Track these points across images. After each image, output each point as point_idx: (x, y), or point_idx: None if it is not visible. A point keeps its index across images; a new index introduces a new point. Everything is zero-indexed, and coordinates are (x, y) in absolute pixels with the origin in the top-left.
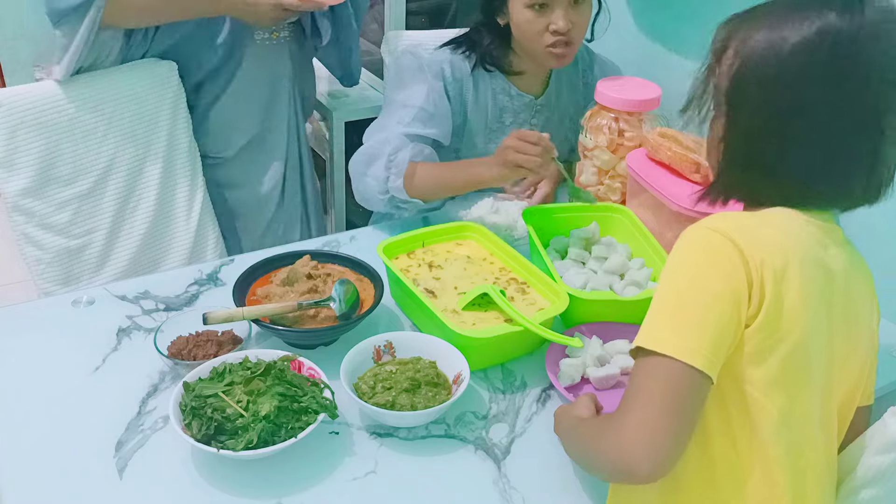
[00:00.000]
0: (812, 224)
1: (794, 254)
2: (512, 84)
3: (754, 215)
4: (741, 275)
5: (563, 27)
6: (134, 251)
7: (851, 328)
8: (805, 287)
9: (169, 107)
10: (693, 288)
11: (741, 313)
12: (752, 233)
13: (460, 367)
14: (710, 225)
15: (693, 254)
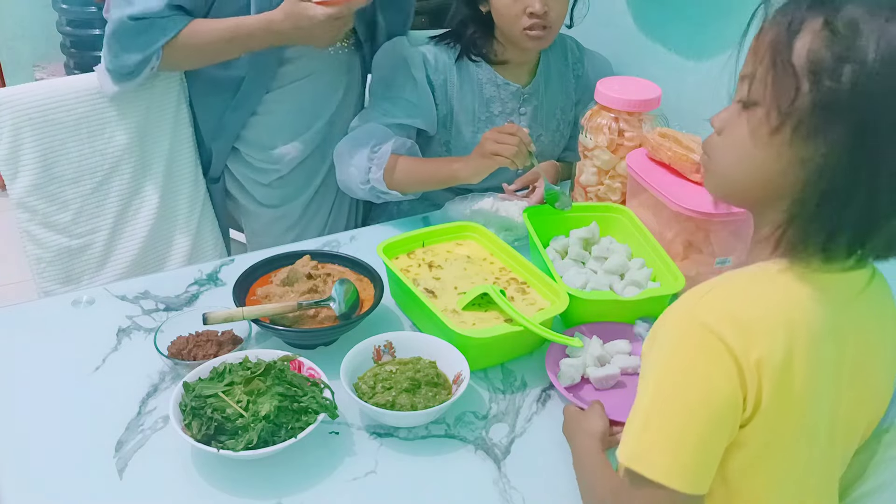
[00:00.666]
0: (834, 280)
1: (799, 335)
2: (498, 73)
3: (756, 286)
4: (735, 382)
5: (539, 9)
6: (135, 251)
7: (864, 381)
8: (811, 370)
9: (173, 108)
10: (683, 398)
11: (736, 421)
12: (749, 322)
13: (460, 367)
14: (702, 318)
15: (682, 355)
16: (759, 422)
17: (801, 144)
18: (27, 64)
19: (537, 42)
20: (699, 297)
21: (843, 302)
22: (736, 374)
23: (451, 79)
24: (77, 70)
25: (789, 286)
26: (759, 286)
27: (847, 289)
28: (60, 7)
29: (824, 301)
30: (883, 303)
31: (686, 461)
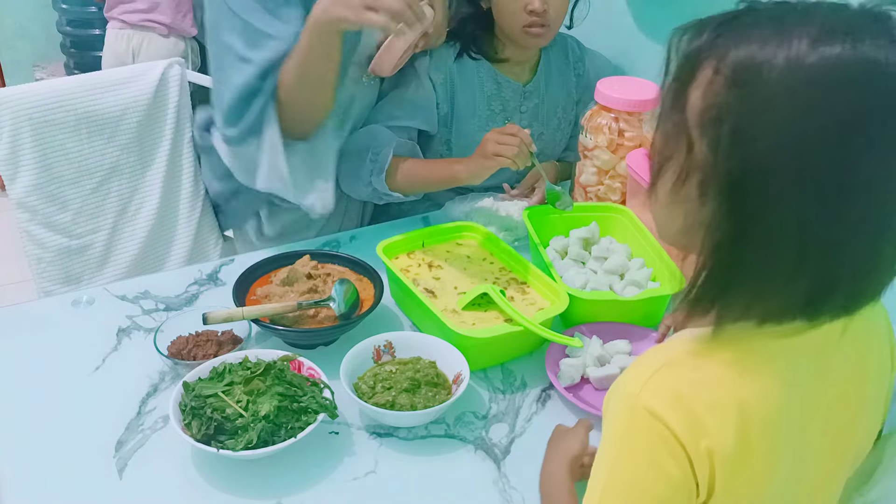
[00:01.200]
0: (791, 343)
1: (753, 418)
2: (498, 71)
3: (702, 365)
4: (686, 468)
5: (538, 7)
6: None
7: (843, 429)
8: (770, 450)
9: (173, 109)
10: (635, 485)
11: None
12: (698, 410)
13: (460, 367)
14: (648, 404)
15: (631, 442)
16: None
17: (697, 201)
18: (27, 64)
19: (536, 40)
20: (646, 379)
21: (808, 362)
22: (686, 461)
23: (451, 77)
24: (77, 70)
25: (739, 361)
26: (705, 366)
27: (811, 348)
28: (60, 7)
29: (781, 370)
30: (865, 345)
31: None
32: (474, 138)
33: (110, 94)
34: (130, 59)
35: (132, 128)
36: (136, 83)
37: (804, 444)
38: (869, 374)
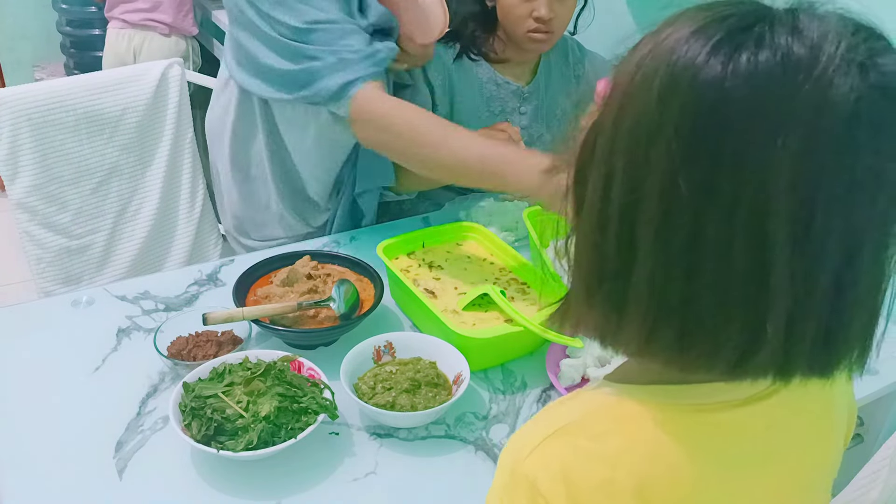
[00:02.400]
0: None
1: (661, 496)
2: (498, 73)
3: (604, 434)
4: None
5: (545, 15)
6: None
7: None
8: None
9: (173, 109)
10: None
11: None
12: (587, 486)
13: (460, 368)
14: (533, 475)
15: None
16: None
17: None
18: (27, 64)
19: (539, 45)
20: (536, 444)
21: (740, 443)
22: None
23: (450, 78)
24: (77, 70)
25: (649, 434)
26: (607, 435)
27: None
28: (60, 7)
29: (701, 448)
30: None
31: None
32: None
33: (110, 95)
34: (131, 58)
35: (132, 128)
36: (136, 83)
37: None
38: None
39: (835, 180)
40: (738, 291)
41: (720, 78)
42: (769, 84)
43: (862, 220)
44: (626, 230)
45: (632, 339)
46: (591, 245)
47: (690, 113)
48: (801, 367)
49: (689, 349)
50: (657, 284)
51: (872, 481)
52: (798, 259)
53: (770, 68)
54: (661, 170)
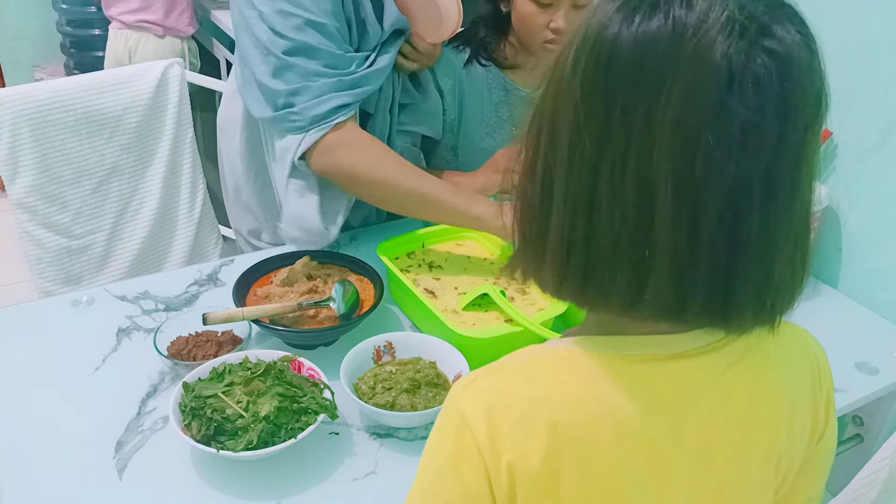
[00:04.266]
0: (639, 367)
1: (571, 433)
2: (508, 78)
3: (541, 373)
4: (484, 482)
5: (562, 27)
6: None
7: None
8: (585, 474)
9: (173, 109)
10: (437, 491)
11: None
12: (504, 421)
13: (460, 368)
14: (462, 408)
15: (439, 445)
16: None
17: None
18: (27, 64)
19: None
20: (470, 381)
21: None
22: (484, 474)
23: (460, 83)
24: (77, 70)
25: (573, 378)
26: (536, 377)
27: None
28: (60, 7)
29: (617, 398)
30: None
31: None
32: (481, 145)
33: (110, 95)
34: (127, 58)
35: (132, 128)
36: (135, 83)
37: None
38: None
39: (712, 133)
40: (627, 235)
41: (615, 35)
42: (657, 42)
43: (743, 173)
44: (547, 181)
45: (550, 279)
46: (524, 198)
47: (592, 68)
48: (694, 313)
49: (589, 287)
50: (566, 228)
51: (872, 482)
52: (680, 207)
53: (659, 29)
54: (568, 124)
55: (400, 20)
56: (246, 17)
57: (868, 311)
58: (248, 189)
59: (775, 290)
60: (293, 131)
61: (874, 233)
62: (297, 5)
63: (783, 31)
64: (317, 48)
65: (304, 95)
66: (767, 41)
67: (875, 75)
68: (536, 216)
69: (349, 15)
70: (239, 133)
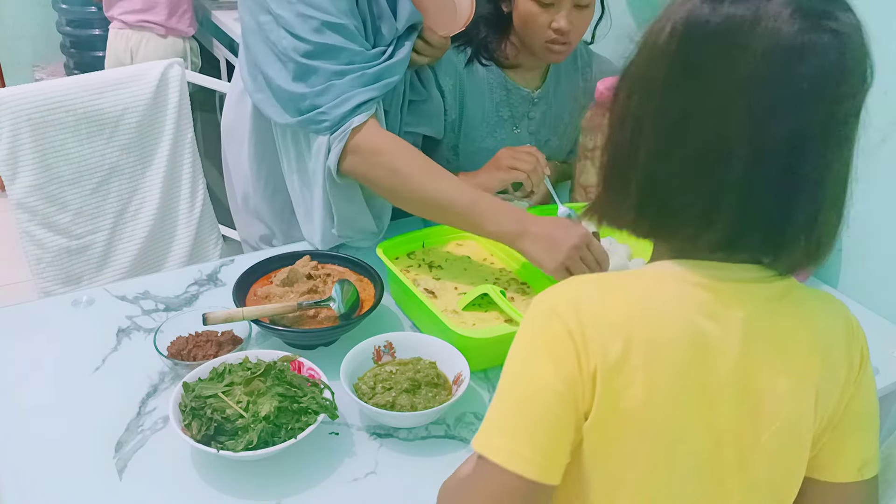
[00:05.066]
0: (701, 287)
1: (645, 335)
2: (509, 77)
3: (616, 283)
4: (573, 367)
5: (564, 27)
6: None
7: (757, 415)
8: (655, 376)
9: (173, 109)
10: (523, 382)
11: (577, 408)
12: (595, 311)
13: (460, 368)
14: (550, 302)
15: (527, 338)
16: (595, 420)
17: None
18: (27, 64)
19: (555, 56)
20: (556, 286)
21: (719, 312)
22: (575, 359)
23: (461, 83)
24: (77, 70)
25: (650, 287)
26: (616, 287)
27: (721, 299)
28: (60, 7)
29: (692, 302)
30: (801, 326)
31: (528, 443)
32: (482, 144)
33: (110, 95)
34: (129, 58)
35: (132, 128)
36: (136, 83)
37: (714, 407)
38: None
39: (780, 93)
40: (704, 170)
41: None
42: (742, 22)
43: (805, 124)
44: (636, 131)
45: (628, 214)
46: (613, 143)
47: (685, 40)
48: (752, 245)
49: (665, 218)
50: (650, 165)
51: None
52: (751, 149)
53: (743, 12)
54: (661, 82)
55: (414, 15)
56: (260, 22)
57: (868, 311)
58: (258, 196)
59: (822, 228)
60: (322, 132)
61: (874, 233)
62: (315, 7)
63: (842, 15)
64: (338, 48)
65: (329, 95)
66: (829, 22)
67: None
68: (624, 159)
69: (364, 12)
70: (247, 139)
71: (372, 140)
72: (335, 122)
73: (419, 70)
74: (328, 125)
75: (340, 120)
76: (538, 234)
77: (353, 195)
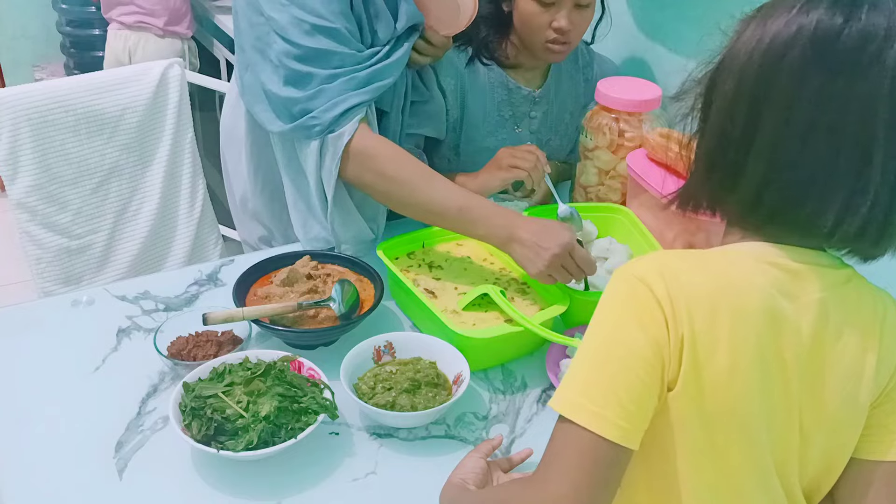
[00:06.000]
0: (778, 267)
1: (728, 306)
2: (510, 77)
3: (697, 256)
4: (662, 333)
5: (565, 26)
6: (135, 252)
7: (823, 389)
8: (737, 346)
9: (173, 109)
10: (610, 346)
11: (663, 375)
12: (681, 281)
13: (460, 368)
14: (637, 271)
15: (615, 305)
16: (682, 387)
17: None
18: (27, 64)
19: (555, 56)
20: (639, 259)
21: (797, 293)
22: (663, 325)
23: (462, 83)
24: (77, 70)
25: (735, 258)
26: (705, 261)
27: (797, 281)
28: (60, 7)
29: (771, 280)
30: (864, 306)
31: (612, 406)
32: (483, 144)
33: (110, 95)
34: (127, 59)
35: (132, 128)
36: (136, 83)
37: (786, 383)
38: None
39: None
40: (844, 164)
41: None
42: (877, 30)
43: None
44: (753, 116)
45: (744, 199)
46: (719, 132)
47: (817, 49)
48: (870, 241)
49: (798, 208)
50: (775, 156)
51: None
52: (890, 152)
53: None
54: (789, 75)
55: (415, 15)
56: (253, 23)
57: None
58: (257, 197)
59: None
60: (313, 137)
61: None
62: (307, 11)
63: None
64: (329, 52)
65: (320, 99)
66: None
67: None
68: (735, 147)
69: (360, 13)
70: (244, 141)
71: (363, 144)
72: (325, 127)
73: (421, 70)
74: (319, 130)
75: (331, 124)
76: (525, 239)
77: (345, 201)
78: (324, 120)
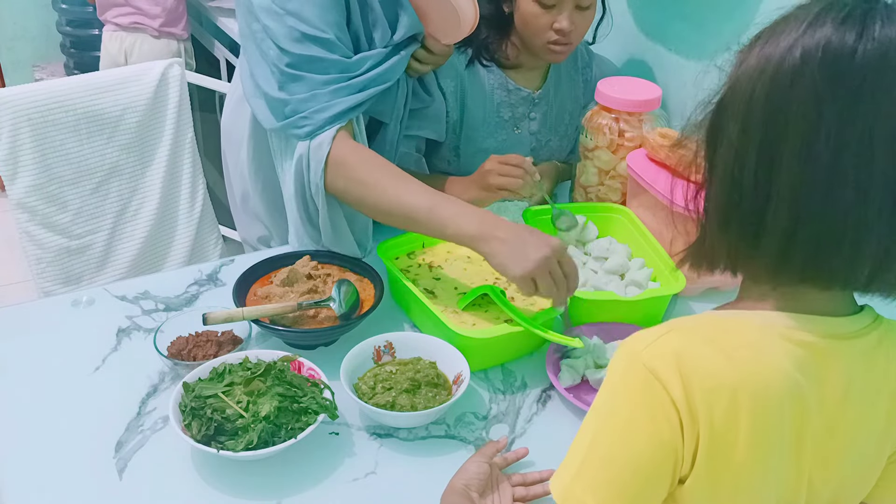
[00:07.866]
0: (803, 347)
1: (750, 394)
2: (509, 78)
3: (718, 340)
4: (676, 437)
5: (566, 27)
6: (135, 252)
7: (838, 453)
8: (758, 434)
9: (173, 109)
10: (621, 446)
11: (674, 474)
12: (700, 374)
13: (460, 368)
14: (651, 363)
15: (627, 398)
16: (696, 482)
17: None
18: (27, 64)
19: (556, 56)
20: (652, 340)
21: (815, 365)
22: (678, 427)
23: (462, 84)
24: (77, 70)
25: (756, 343)
26: (726, 342)
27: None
28: (60, 7)
29: (789, 353)
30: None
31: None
32: (483, 145)
33: (110, 95)
34: (123, 60)
35: (132, 128)
36: (135, 83)
37: (800, 457)
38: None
39: None
40: (877, 199)
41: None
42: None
43: None
44: (765, 160)
45: (767, 256)
46: (729, 182)
47: (831, 72)
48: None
49: (831, 258)
50: (800, 200)
51: None
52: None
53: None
54: (802, 106)
55: (415, 25)
56: (252, 29)
57: None
58: (257, 197)
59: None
60: (301, 138)
61: None
62: (301, 20)
63: None
64: (322, 59)
65: (312, 102)
66: None
67: None
68: (749, 197)
69: (356, 22)
70: (246, 140)
71: (338, 153)
72: (315, 128)
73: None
74: (308, 129)
75: (321, 125)
76: (505, 238)
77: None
78: (314, 120)
